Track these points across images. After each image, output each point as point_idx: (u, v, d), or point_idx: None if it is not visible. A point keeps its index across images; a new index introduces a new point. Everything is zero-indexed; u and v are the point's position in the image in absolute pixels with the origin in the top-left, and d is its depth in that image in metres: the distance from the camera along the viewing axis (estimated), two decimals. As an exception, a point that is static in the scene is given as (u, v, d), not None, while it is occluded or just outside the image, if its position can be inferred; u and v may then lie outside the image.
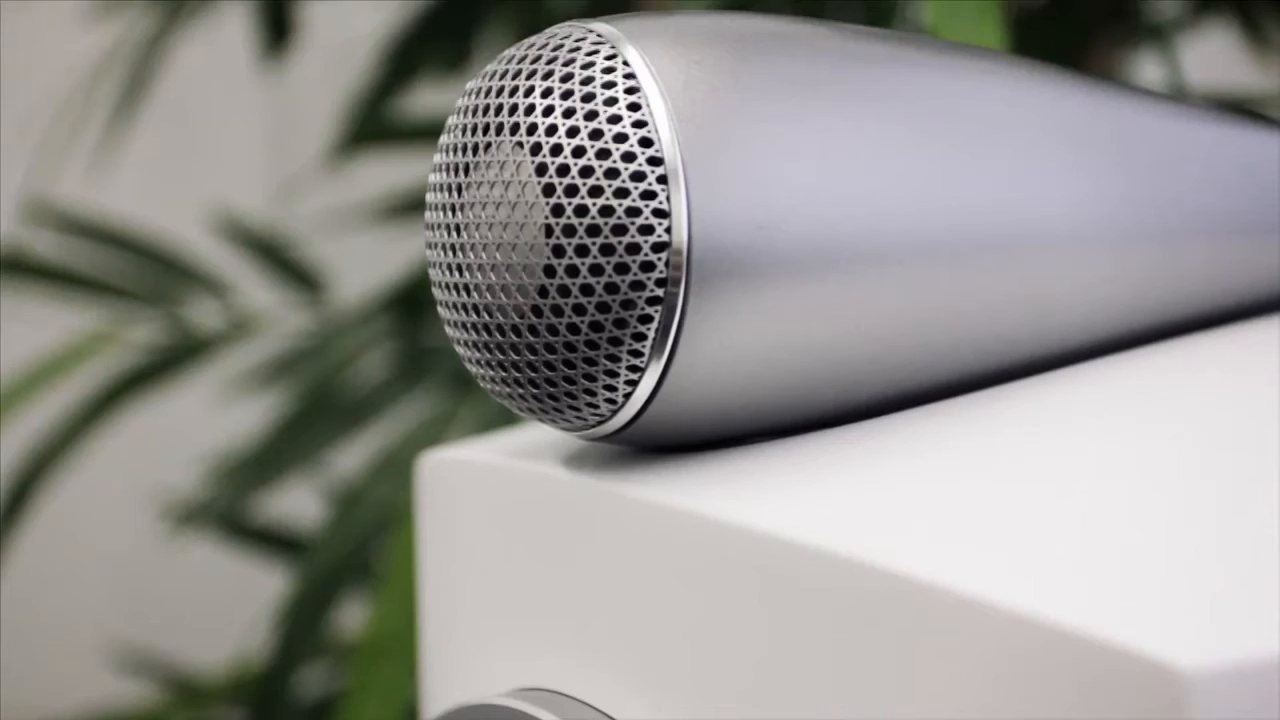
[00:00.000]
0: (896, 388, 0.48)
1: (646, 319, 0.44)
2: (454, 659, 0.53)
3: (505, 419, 0.94)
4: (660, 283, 0.44)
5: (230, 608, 1.45)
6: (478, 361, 0.46)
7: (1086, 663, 0.35)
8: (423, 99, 1.22)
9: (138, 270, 1.18)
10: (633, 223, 0.43)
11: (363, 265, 1.32)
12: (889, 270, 0.46)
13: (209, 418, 1.38)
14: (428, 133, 1.16)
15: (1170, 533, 0.40)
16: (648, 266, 0.44)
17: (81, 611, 1.58)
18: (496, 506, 0.51)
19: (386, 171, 1.31)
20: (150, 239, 1.20)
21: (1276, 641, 0.35)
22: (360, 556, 1.00)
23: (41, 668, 1.55)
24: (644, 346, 0.44)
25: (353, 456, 1.20)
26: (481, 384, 0.47)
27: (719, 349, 0.45)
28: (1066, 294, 0.49)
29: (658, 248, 0.44)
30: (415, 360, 1.09)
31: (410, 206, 1.19)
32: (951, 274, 0.47)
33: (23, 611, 1.53)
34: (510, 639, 0.50)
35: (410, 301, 1.11)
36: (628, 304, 0.44)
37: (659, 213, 0.43)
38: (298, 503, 1.32)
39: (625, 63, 0.44)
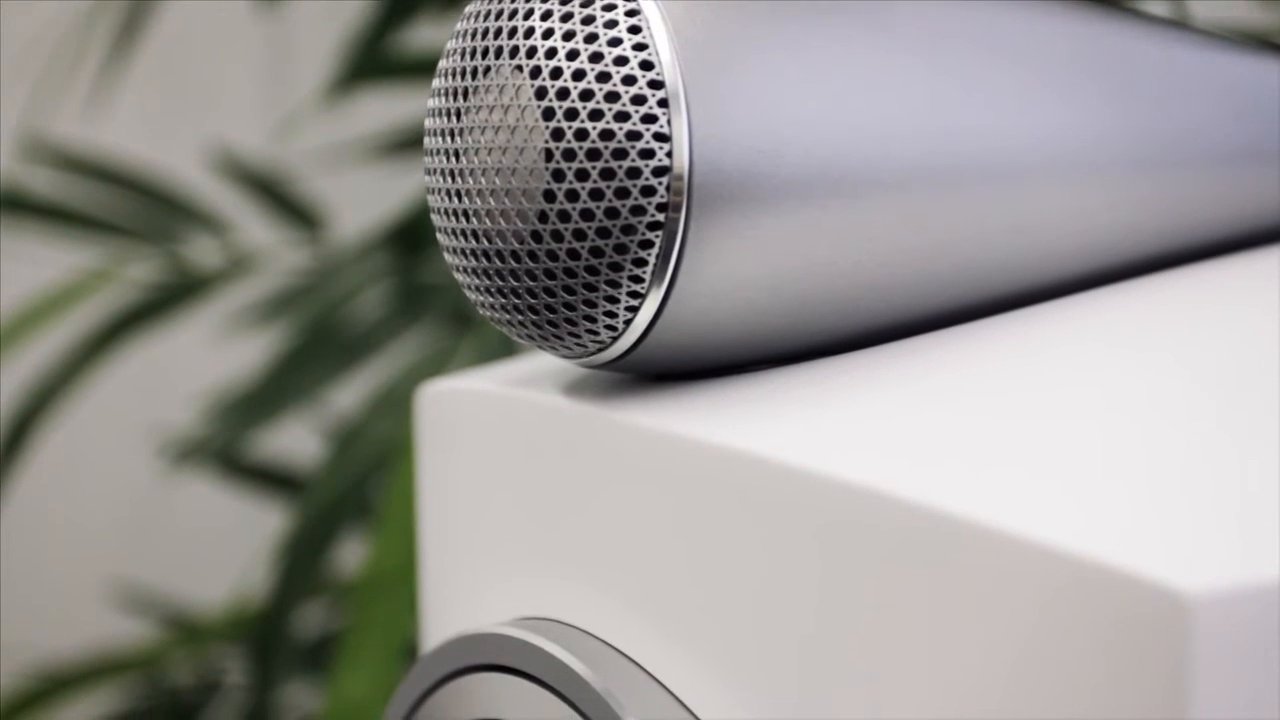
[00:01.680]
0: (898, 315, 0.48)
1: (647, 244, 0.44)
2: (454, 590, 0.53)
3: (505, 356, 0.93)
4: (661, 207, 0.43)
5: (229, 546, 1.45)
6: (477, 288, 0.46)
7: (1091, 587, 0.35)
8: (421, 34, 1.22)
9: (136, 208, 1.17)
10: (633, 146, 0.43)
11: (361, 202, 1.32)
12: (891, 196, 0.46)
13: (207, 355, 1.38)
14: (426, 68, 1.15)
15: (1173, 459, 0.40)
16: (648, 191, 0.43)
17: (80, 549, 1.58)
18: (496, 436, 0.50)
19: (385, 107, 1.30)
20: (148, 176, 1.19)
21: (1279, 566, 0.35)
22: (359, 494, 1.00)
23: (41, 606, 1.55)
24: (644, 272, 0.44)
25: (351, 393, 1.19)
26: (481, 311, 0.46)
27: (720, 275, 0.44)
28: (1070, 221, 0.49)
29: (658, 172, 0.43)
30: (414, 297, 1.09)
31: (409, 142, 1.18)
32: (954, 200, 0.47)
33: (22, 550, 1.53)
34: (510, 569, 0.50)
35: (409, 238, 1.10)
36: (628, 229, 0.43)
37: (660, 136, 0.43)
38: (296, 440, 1.32)
39: (626, -16, 0.44)
